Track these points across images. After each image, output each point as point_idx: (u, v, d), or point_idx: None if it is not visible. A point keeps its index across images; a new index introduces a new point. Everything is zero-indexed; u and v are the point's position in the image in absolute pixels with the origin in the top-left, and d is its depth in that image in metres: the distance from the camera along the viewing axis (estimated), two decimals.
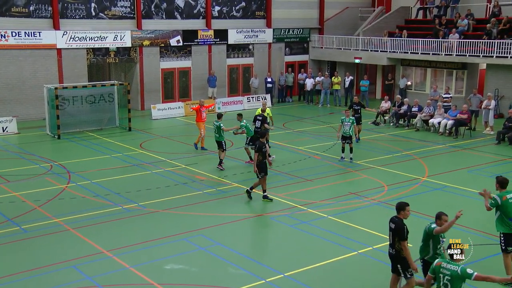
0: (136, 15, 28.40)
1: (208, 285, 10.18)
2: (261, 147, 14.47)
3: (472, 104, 23.95)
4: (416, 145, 21.38)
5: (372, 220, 13.57)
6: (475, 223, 13.30)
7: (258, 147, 14.49)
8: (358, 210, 14.33)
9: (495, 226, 10.33)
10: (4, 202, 14.63)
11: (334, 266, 11.12)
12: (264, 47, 32.95)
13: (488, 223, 13.49)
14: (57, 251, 11.73)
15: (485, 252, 11.75)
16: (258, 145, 14.52)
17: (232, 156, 19.32)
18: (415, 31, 31.42)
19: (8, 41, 24.95)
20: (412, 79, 30.74)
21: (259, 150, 14.42)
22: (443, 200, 15.05)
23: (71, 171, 17.70)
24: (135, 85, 28.91)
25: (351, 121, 18.51)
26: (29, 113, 25.66)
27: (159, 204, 14.60)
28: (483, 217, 14.04)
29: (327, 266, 11.09)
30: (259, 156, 14.40)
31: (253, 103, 30.20)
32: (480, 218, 13.74)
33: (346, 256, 11.53)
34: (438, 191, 15.82)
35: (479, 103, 24.13)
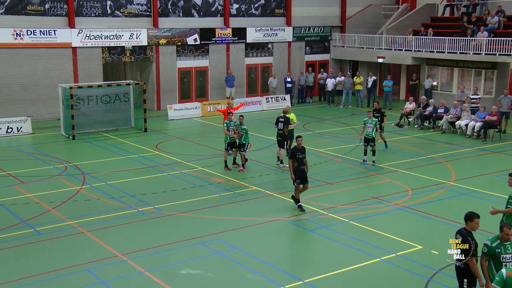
0: (153, 13, 28.60)
1: None
2: (295, 153, 14.05)
3: (503, 106, 23.65)
4: (442, 148, 21.19)
5: (396, 226, 13.48)
6: None
7: (291, 153, 14.16)
8: (380, 215, 14.24)
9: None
10: (19, 204, 14.84)
11: (355, 273, 11.07)
12: (283, 46, 32.96)
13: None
14: (71, 254, 11.85)
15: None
16: (292, 151, 14.22)
17: (251, 158, 19.35)
18: (442, 29, 31.13)
19: (23, 40, 25.30)
20: (438, 79, 30.46)
21: (293, 156, 14.06)
22: (470, 206, 14.85)
23: (86, 172, 17.88)
24: (151, 84, 29.11)
25: (374, 123, 18.44)
26: (43, 113, 25.98)
27: (175, 207, 14.67)
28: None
29: (348, 273, 11.04)
30: (293, 163, 14.01)
31: (272, 103, 30.23)
32: None
33: (368, 263, 11.46)
34: (465, 196, 15.66)
35: (510, 105, 23.84)
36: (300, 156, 14.01)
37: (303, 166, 14.10)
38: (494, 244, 8.43)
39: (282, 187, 16.50)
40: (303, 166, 14.12)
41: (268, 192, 15.90)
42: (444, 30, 30.84)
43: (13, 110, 25.04)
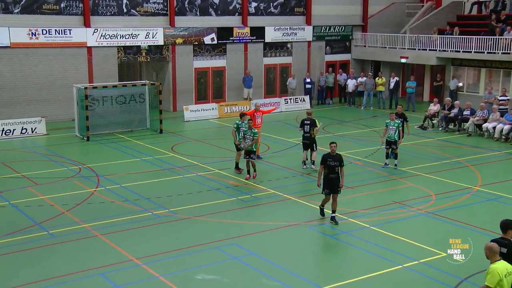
0: (169, 12, 28.76)
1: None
2: (326, 159, 13.46)
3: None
4: (467, 152, 20.96)
5: (419, 232, 13.37)
6: None
7: (322, 159, 13.57)
8: (402, 221, 14.13)
9: None
10: (33, 206, 15.00)
11: (376, 280, 10.99)
12: (303, 46, 32.92)
13: None
14: (85, 257, 11.95)
15: None
16: (323, 157, 13.60)
17: (268, 161, 19.34)
18: (468, 27, 30.84)
19: (38, 39, 25.59)
20: (463, 80, 30.17)
21: (323, 162, 13.50)
22: (497, 211, 14.68)
23: (100, 174, 18.02)
24: (167, 85, 29.27)
25: (396, 125, 18.32)
26: (58, 114, 26.24)
27: (190, 210, 14.72)
28: None
29: (369, 280, 10.96)
30: (324, 169, 13.55)
31: (291, 104, 30.21)
32: None
33: (389, 270, 11.38)
34: (492, 202, 15.47)
35: None
36: (331, 164, 13.42)
37: (334, 174, 13.44)
38: None
39: (300, 190, 16.49)
40: (334, 175, 13.44)
41: (287, 196, 15.86)
42: (471, 28, 30.56)
43: (27, 111, 25.35)
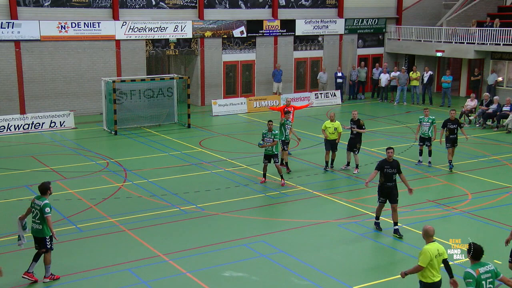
0: (198, 4, 28.86)
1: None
2: (383, 166, 12.75)
3: None
4: (507, 149, 20.61)
5: (454, 232, 13.18)
6: None
7: (379, 165, 12.89)
8: (437, 220, 13.96)
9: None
10: (61, 200, 15.27)
11: (408, 282, 10.87)
12: (334, 39, 32.72)
13: None
14: (112, 252, 12.13)
15: None
16: (380, 163, 12.95)
17: (298, 157, 19.30)
18: (510, 19, 30.24)
19: (67, 32, 25.97)
20: (503, 74, 29.63)
21: (379, 169, 12.83)
22: None
23: (128, 169, 18.24)
24: (195, 79, 29.43)
25: (430, 121, 18.10)
26: (86, 107, 26.64)
27: (218, 206, 14.79)
28: None
29: (401, 281, 10.85)
30: (380, 178, 12.84)
31: (321, 99, 30.09)
32: None
33: None
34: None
35: None
36: (389, 171, 12.71)
37: (391, 182, 12.75)
38: None
39: (330, 187, 16.41)
40: (392, 183, 12.75)
41: (316, 193, 15.82)
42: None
43: (56, 104, 25.83)
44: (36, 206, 10.63)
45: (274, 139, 16.21)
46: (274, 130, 16.44)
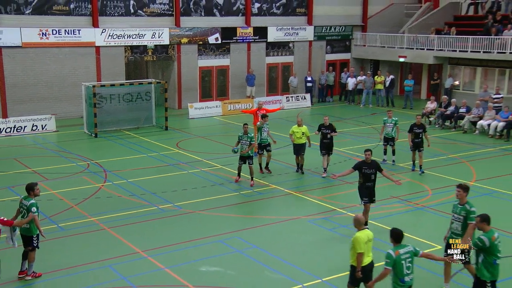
0: (175, 12, 28.75)
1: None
2: (361, 167, 12.65)
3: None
4: (463, 148, 20.95)
5: (415, 226, 13.37)
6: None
7: (357, 167, 12.72)
8: (400, 215, 14.14)
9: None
10: (43, 200, 14.96)
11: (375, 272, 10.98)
12: (304, 45, 32.88)
13: None
14: (93, 250, 12.01)
15: None
16: (358, 164, 12.80)
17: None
18: (465, 28, 30.76)
19: (49, 39, 25.64)
20: (460, 78, 30.12)
21: (357, 170, 12.71)
22: (492, 206, 14.68)
23: (108, 169, 18.07)
24: (173, 83, 29.29)
25: (394, 122, 18.31)
26: (67, 111, 26.30)
27: (195, 204, 14.76)
28: None
29: None
30: (360, 179, 12.75)
31: (292, 102, 30.21)
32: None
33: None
34: (487, 196, 15.46)
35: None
36: (367, 172, 12.58)
37: (370, 182, 12.67)
38: None
39: (301, 186, 16.49)
40: (371, 183, 12.68)
41: (288, 191, 15.89)
42: (468, 29, 30.49)
43: (38, 108, 25.43)
44: (23, 206, 10.55)
45: (251, 142, 16.12)
46: (249, 133, 16.30)
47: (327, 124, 17.40)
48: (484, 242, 8.52)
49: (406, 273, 8.42)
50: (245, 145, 16.13)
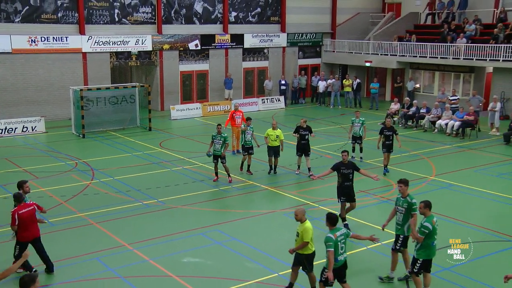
0: (157, 21, 28.55)
1: (224, 278, 10.22)
2: (340, 167, 12.31)
3: (472, 105, 23.73)
4: (423, 145, 21.22)
5: (381, 217, 13.44)
6: (480, 221, 13.18)
7: (336, 167, 12.40)
8: (367, 208, 14.27)
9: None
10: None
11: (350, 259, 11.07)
12: (278, 51, 32.94)
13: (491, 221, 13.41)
14: (82, 243, 11.87)
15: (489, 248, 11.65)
16: (336, 165, 12.46)
17: None
18: (424, 35, 31.18)
19: (37, 46, 25.26)
20: (420, 82, 30.53)
21: (336, 170, 12.37)
22: (449, 198, 14.93)
23: (95, 168, 17.87)
24: (155, 87, 29.07)
25: (361, 122, 18.46)
26: (56, 113, 25.94)
27: (177, 200, 14.68)
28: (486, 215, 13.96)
29: None
30: (338, 179, 12.39)
31: (267, 104, 30.25)
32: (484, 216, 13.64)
33: (356, 251, 11.49)
34: (445, 189, 15.70)
35: (478, 104, 24.12)
36: (345, 172, 12.26)
37: (348, 182, 12.34)
38: None
39: (276, 181, 16.52)
40: (349, 182, 12.35)
41: (264, 186, 15.91)
42: (426, 36, 30.89)
43: (28, 111, 25.04)
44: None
45: (225, 141, 15.86)
46: (223, 133, 15.96)
47: (304, 126, 16.70)
48: (428, 227, 8.90)
49: (340, 252, 8.80)
50: (218, 144, 15.82)
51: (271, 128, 16.93)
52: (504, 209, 14.21)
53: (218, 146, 15.85)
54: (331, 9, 34.71)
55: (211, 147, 16.10)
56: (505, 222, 13.24)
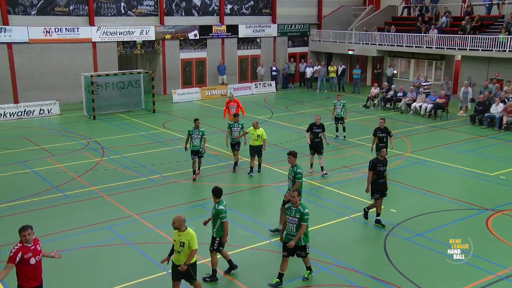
0: (159, 13, 28.16)
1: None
2: (376, 165, 11.01)
3: (444, 90, 23.71)
4: (400, 126, 21.24)
5: (362, 190, 13.53)
6: (449, 192, 13.28)
7: (372, 165, 11.06)
8: (350, 181, 14.32)
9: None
10: (50, 173, 14.76)
11: (329, 228, 11.16)
12: (269, 40, 32.64)
13: (459, 192, 13.51)
14: (94, 214, 11.86)
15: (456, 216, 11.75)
16: (373, 162, 11.11)
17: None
18: (401, 27, 30.98)
19: (52, 36, 24.92)
20: (397, 68, 30.42)
21: (373, 168, 11.02)
22: (423, 172, 15.00)
23: (105, 146, 17.77)
24: (158, 73, 28.81)
25: (342, 104, 18.41)
26: (69, 97, 25.69)
27: (179, 175, 14.66)
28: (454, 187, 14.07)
29: (324, 228, 11.12)
30: (373, 175, 11.06)
31: (260, 88, 30.11)
32: (453, 188, 13.74)
33: (339, 220, 11.56)
34: (419, 165, 15.77)
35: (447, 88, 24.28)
36: (381, 169, 11.04)
37: (383, 179, 11.09)
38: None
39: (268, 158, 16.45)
40: (383, 180, 11.10)
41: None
42: (403, 27, 30.69)
43: (44, 95, 24.80)
44: None
45: (202, 135, 14.08)
46: (200, 128, 14.10)
47: (318, 123, 14.55)
48: (308, 214, 8.55)
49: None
50: (196, 139, 14.01)
51: (252, 127, 14.58)
52: (469, 182, 14.32)
53: (197, 141, 14.02)
54: (317, 2, 34.33)
55: (187, 143, 14.18)
56: (470, 193, 13.35)
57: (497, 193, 13.19)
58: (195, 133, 14.06)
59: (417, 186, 13.32)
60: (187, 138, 14.18)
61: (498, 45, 24.69)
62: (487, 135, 19.48)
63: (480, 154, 17.03)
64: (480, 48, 25.42)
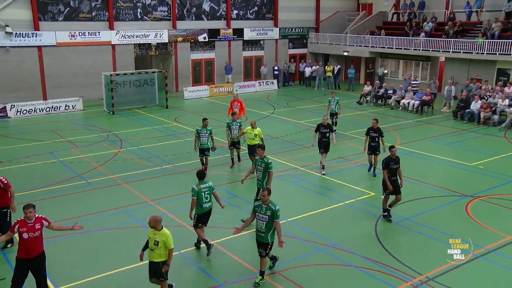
0: (172, 18, 28.02)
1: (227, 228, 10.23)
2: (389, 163, 10.39)
3: (432, 88, 23.55)
4: (390, 120, 21.14)
5: (356, 178, 13.52)
6: (434, 180, 13.22)
7: (385, 163, 10.41)
8: (345, 171, 14.27)
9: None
10: (75, 162, 14.79)
11: (326, 213, 11.15)
12: (272, 42, 32.46)
13: (442, 180, 13.45)
14: (113, 199, 11.88)
15: (440, 202, 11.71)
16: (386, 161, 10.43)
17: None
18: (391, 30, 30.72)
19: (76, 39, 24.90)
20: (388, 68, 30.21)
21: (386, 166, 10.41)
22: (410, 163, 14.92)
23: (123, 139, 17.77)
24: (171, 72, 28.72)
25: (336, 101, 18.31)
26: (91, 95, 25.66)
27: (190, 165, 14.64)
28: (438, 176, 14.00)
29: (321, 213, 11.11)
30: (387, 173, 10.43)
31: (263, 86, 29.99)
32: (437, 177, 13.67)
33: (335, 206, 11.54)
34: (408, 156, 15.68)
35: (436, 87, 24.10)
36: (394, 167, 10.43)
37: (395, 177, 10.47)
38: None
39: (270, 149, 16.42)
40: (396, 177, 10.47)
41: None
42: (393, 31, 30.42)
43: (69, 93, 24.76)
44: None
45: (210, 134, 13.51)
46: (208, 127, 13.50)
47: (325, 123, 13.81)
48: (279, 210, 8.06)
49: (205, 201, 8.95)
50: (204, 137, 13.43)
51: (249, 127, 13.80)
52: (451, 171, 14.25)
53: (205, 140, 13.47)
54: (315, 8, 34.06)
55: (196, 142, 13.58)
56: (452, 181, 13.28)
57: (475, 181, 13.13)
58: (203, 131, 13.48)
59: (405, 175, 13.22)
60: (196, 138, 13.54)
61: (477, 48, 24.58)
62: (467, 129, 19.37)
63: (461, 146, 16.94)
64: (461, 51, 25.28)
